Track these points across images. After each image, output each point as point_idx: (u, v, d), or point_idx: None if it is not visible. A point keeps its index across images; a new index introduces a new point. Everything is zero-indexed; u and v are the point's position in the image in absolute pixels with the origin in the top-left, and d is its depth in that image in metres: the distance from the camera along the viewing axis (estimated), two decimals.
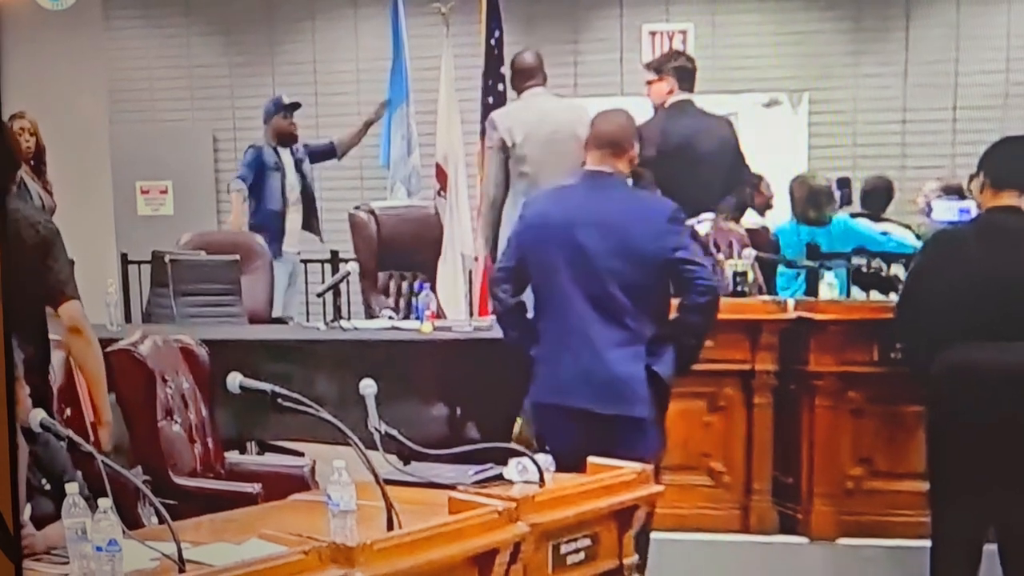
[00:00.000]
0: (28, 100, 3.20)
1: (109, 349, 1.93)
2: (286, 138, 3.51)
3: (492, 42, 3.51)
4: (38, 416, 1.42)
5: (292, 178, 3.51)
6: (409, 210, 3.16)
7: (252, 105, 3.99)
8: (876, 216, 3.31)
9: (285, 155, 3.52)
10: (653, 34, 4.34)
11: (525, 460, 1.52)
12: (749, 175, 2.92)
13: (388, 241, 2.98)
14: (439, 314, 2.85)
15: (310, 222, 3.55)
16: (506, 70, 3.52)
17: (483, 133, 3.41)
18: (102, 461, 1.37)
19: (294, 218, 3.52)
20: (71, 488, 1.23)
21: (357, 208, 3.13)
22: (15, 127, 3.23)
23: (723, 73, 4.40)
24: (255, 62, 4.81)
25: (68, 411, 1.89)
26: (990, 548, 2.02)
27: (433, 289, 2.92)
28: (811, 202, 3.07)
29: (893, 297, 2.40)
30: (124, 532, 1.19)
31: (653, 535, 1.89)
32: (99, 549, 1.16)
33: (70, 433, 1.45)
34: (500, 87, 3.51)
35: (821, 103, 4.54)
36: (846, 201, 3.46)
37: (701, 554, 1.89)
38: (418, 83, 3.90)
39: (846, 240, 3.00)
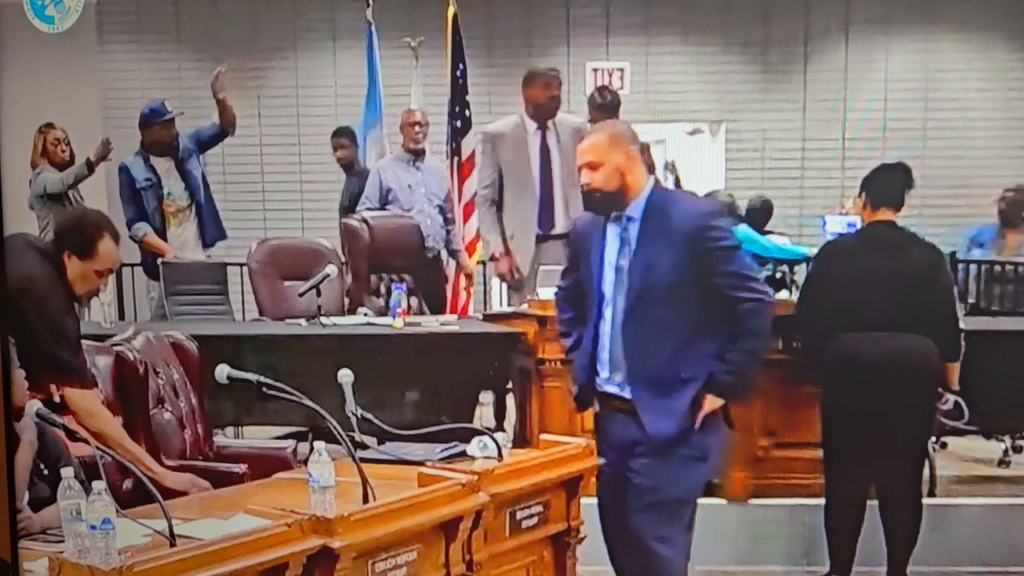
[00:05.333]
0: (25, 118, 3.04)
1: (102, 344, 1.84)
2: (166, 147, 3.01)
3: (457, 74, 3.51)
4: (34, 406, 1.35)
5: (173, 187, 3.01)
6: (397, 219, 3.08)
7: (239, 125, 3.88)
8: (759, 229, 3.52)
9: (163, 163, 3.01)
10: (596, 71, 4.44)
11: (486, 438, 1.52)
12: None
13: (379, 247, 2.94)
14: (422, 310, 2.84)
15: (207, 231, 3.01)
16: (470, 98, 3.53)
17: (456, 151, 3.41)
18: (97, 447, 1.31)
19: (179, 232, 3.01)
20: (66, 472, 1.17)
21: (350, 217, 3.04)
22: (50, 137, 3.06)
23: (654, 105, 4.53)
24: (241, 87, 4.68)
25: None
26: (872, 504, 2.12)
27: (416, 291, 2.89)
28: None
29: (784, 295, 2.53)
30: (117, 511, 1.14)
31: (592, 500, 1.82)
32: (93, 528, 1.10)
33: (65, 421, 1.38)
34: (466, 113, 3.51)
35: (736, 132, 4.72)
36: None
37: None
38: (391, 107, 3.86)
39: (743, 247, 3.15)
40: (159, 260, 2.89)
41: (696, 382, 1.58)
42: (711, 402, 1.59)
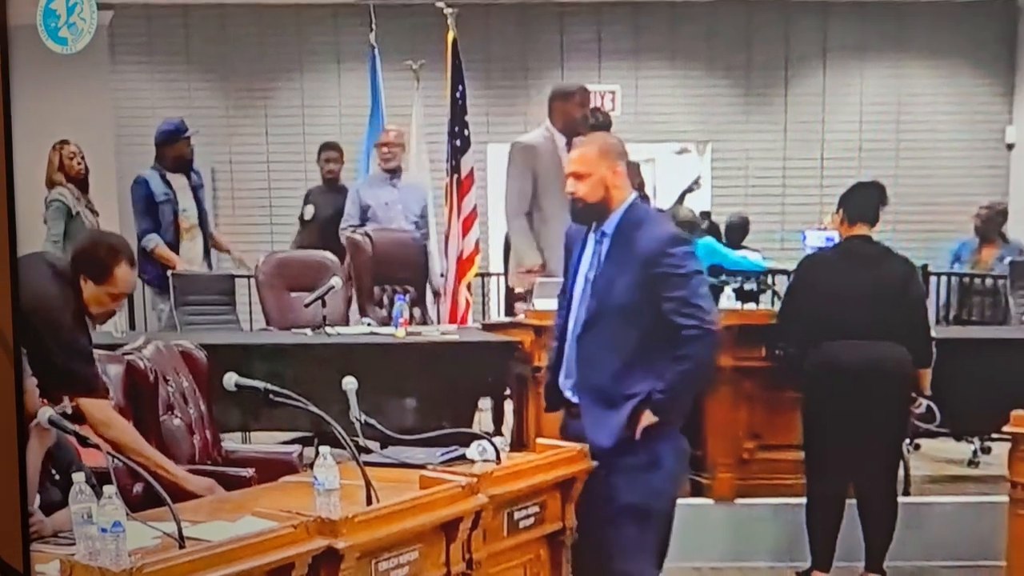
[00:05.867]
0: (38, 136, 3.02)
1: (113, 353, 1.83)
2: (183, 163, 2.99)
3: (457, 95, 3.54)
4: (46, 413, 1.33)
5: (187, 203, 2.99)
6: (399, 233, 3.09)
7: (247, 143, 3.89)
8: (736, 245, 3.66)
9: (178, 180, 2.98)
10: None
11: (484, 442, 1.52)
12: None
13: (381, 259, 2.95)
14: (425, 321, 2.85)
15: (207, 251, 3.05)
16: (469, 118, 3.56)
17: (456, 169, 3.44)
18: (108, 453, 1.30)
19: (191, 247, 3.00)
20: (78, 477, 1.16)
21: (354, 231, 3.05)
22: (65, 152, 3.03)
23: (643, 126, 4.57)
24: (249, 106, 4.71)
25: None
26: (851, 502, 2.15)
27: (420, 301, 2.88)
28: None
29: (751, 305, 2.57)
30: (128, 514, 1.12)
31: None
32: (104, 531, 1.09)
33: (77, 428, 1.37)
34: (465, 132, 3.54)
35: (721, 152, 4.77)
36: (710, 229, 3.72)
37: None
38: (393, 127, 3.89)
39: (706, 258, 3.25)
40: (169, 272, 2.88)
41: (639, 398, 1.59)
42: (647, 417, 1.59)
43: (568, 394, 1.64)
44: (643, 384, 1.58)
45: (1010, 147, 4.76)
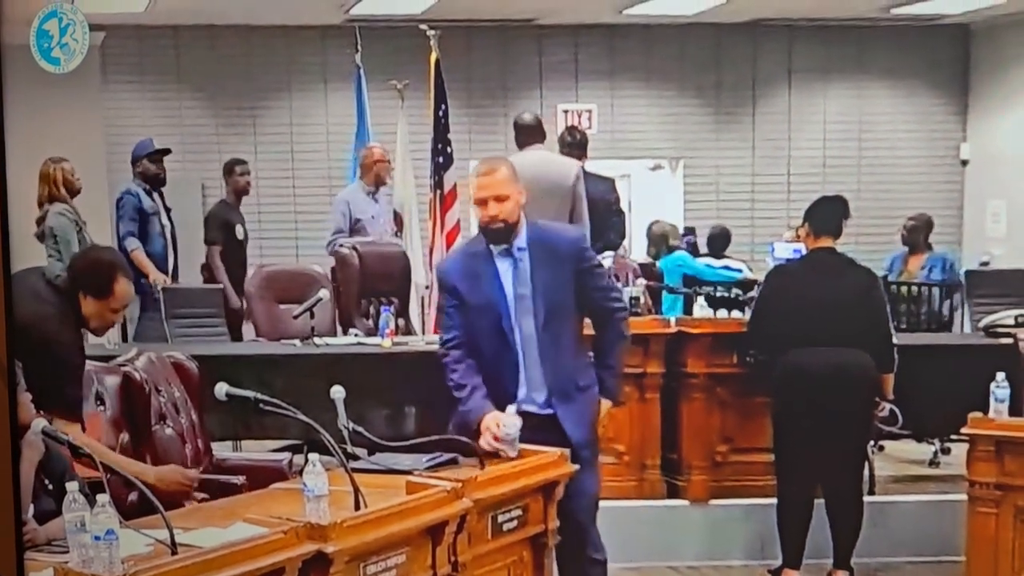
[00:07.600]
0: (31, 155, 3.00)
1: (109, 364, 1.82)
2: (155, 181, 3.09)
3: (440, 114, 3.59)
4: (39, 424, 1.33)
5: (165, 220, 3.09)
6: (385, 246, 3.15)
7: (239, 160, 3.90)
8: (717, 255, 3.75)
9: (156, 198, 3.09)
10: (566, 112, 4.60)
11: (513, 412, 1.52)
12: (620, 221, 3.10)
13: (368, 272, 2.99)
14: (409, 331, 2.87)
15: (176, 269, 3.11)
16: (451, 136, 3.62)
17: (439, 185, 3.49)
18: (101, 463, 1.30)
19: (171, 258, 3.11)
20: (71, 486, 1.16)
21: (341, 245, 3.10)
22: (67, 169, 3.00)
23: (619, 143, 4.70)
24: (239, 124, 4.72)
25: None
26: (819, 502, 2.20)
27: (405, 312, 2.91)
28: (652, 243, 3.53)
29: (734, 312, 2.64)
30: (121, 522, 1.13)
31: None
32: (97, 538, 1.09)
33: (69, 438, 1.37)
34: (448, 149, 3.59)
35: (693, 168, 4.89)
36: (692, 245, 3.85)
37: (607, 517, 1.97)
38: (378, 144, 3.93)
39: (675, 271, 3.36)
40: (159, 287, 2.88)
41: (591, 388, 1.67)
42: (605, 404, 1.68)
43: (532, 407, 1.65)
44: (588, 374, 1.68)
45: (964, 163, 4.97)
